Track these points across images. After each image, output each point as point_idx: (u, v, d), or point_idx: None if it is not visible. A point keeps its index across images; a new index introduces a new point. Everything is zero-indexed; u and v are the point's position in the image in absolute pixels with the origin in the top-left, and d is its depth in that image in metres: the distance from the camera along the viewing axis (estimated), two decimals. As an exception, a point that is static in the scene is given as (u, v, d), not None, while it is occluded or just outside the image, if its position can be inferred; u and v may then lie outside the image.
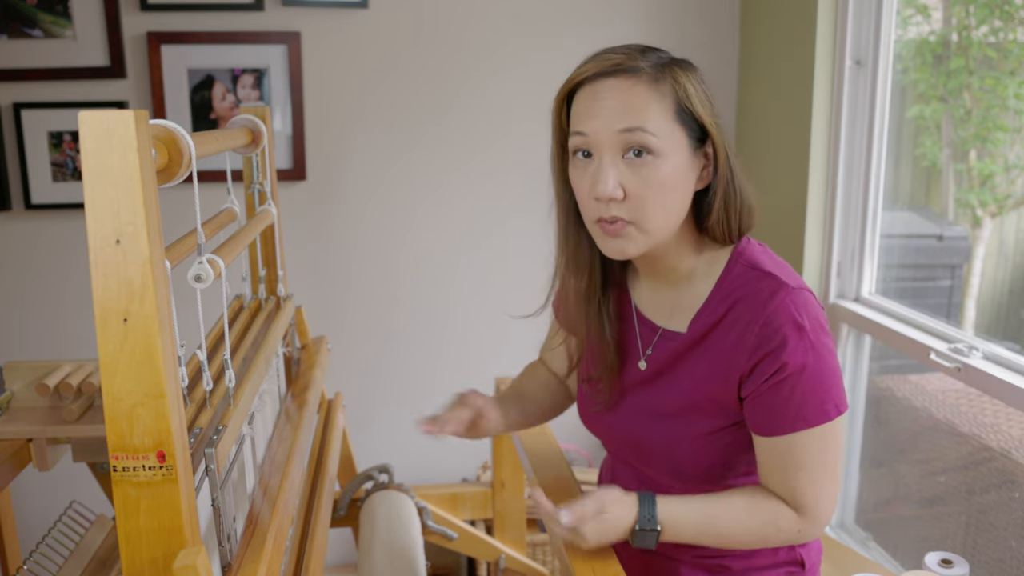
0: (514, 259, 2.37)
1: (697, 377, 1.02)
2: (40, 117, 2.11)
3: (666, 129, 0.94)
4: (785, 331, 0.93)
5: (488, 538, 1.77)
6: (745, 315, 0.97)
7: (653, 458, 1.08)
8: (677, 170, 0.95)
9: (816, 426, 0.95)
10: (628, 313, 1.11)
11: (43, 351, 2.20)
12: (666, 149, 0.94)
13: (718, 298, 1.01)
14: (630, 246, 0.97)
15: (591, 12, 2.25)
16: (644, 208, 0.94)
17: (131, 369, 0.67)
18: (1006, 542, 1.57)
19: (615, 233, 0.96)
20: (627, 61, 0.95)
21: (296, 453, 1.13)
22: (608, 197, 0.94)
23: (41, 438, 1.22)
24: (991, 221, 1.81)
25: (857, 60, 1.89)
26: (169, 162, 0.76)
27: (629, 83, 0.94)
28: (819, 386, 0.95)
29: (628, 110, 0.93)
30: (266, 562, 0.86)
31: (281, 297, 1.41)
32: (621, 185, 0.94)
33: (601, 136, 0.94)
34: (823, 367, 0.95)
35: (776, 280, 0.97)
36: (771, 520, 0.99)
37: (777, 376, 0.94)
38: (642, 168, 0.93)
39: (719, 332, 0.99)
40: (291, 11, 2.14)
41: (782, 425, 0.96)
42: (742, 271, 1.00)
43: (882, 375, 2.01)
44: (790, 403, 0.95)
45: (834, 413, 0.96)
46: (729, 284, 1.00)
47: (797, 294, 0.95)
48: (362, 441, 2.24)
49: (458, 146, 2.29)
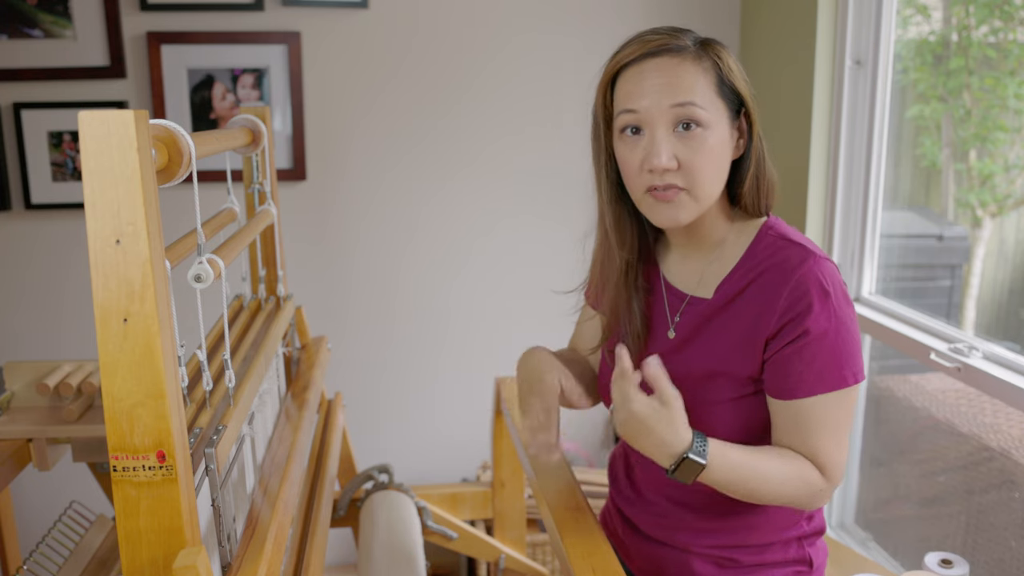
0: (514, 259, 2.37)
1: (723, 341, 1.04)
2: (40, 117, 2.10)
3: (711, 102, 0.99)
4: (812, 296, 0.97)
5: (488, 538, 1.77)
6: (774, 280, 1.00)
7: None
8: (721, 140, 1.01)
9: (833, 391, 0.98)
10: (657, 285, 1.14)
11: (43, 351, 2.20)
12: (712, 121, 0.99)
13: (747, 266, 1.04)
14: (682, 213, 1.01)
15: (592, 13, 2.25)
16: (696, 176, 0.99)
17: (131, 369, 0.67)
18: (1006, 542, 1.57)
19: (668, 199, 1.00)
20: (671, 41, 1.00)
21: (296, 453, 1.13)
22: (663, 168, 0.99)
23: (41, 438, 1.22)
24: (991, 221, 1.81)
25: (857, 60, 1.89)
26: (169, 162, 0.76)
27: (675, 61, 0.99)
28: (840, 352, 0.98)
29: (678, 86, 0.98)
30: (266, 562, 0.86)
31: (281, 297, 1.41)
32: (675, 156, 0.99)
33: (653, 112, 0.99)
34: (845, 334, 0.98)
35: (805, 249, 1.01)
36: (800, 472, 1.00)
37: (801, 340, 0.97)
38: (692, 140, 0.99)
39: (746, 297, 1.03)
40: (291, 11, 2.14)
41: (801, 388, 0.98)
42: (772, 241, 1.04)
43: (882, 375, 2.01)
44: (812, 367, 0.97)
45: (851, 380, 0.98)
46: (759, 253, 1.04)
47: (825, 263, 1.00)
48: (362, 441, 2.24)
49: (458, 146, 2.29)
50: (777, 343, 0.99)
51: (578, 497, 1.21)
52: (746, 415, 1.04)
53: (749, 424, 1.05)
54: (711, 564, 1.11)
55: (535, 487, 1.27)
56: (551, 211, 2.33)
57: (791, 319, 0.98)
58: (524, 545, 1.82)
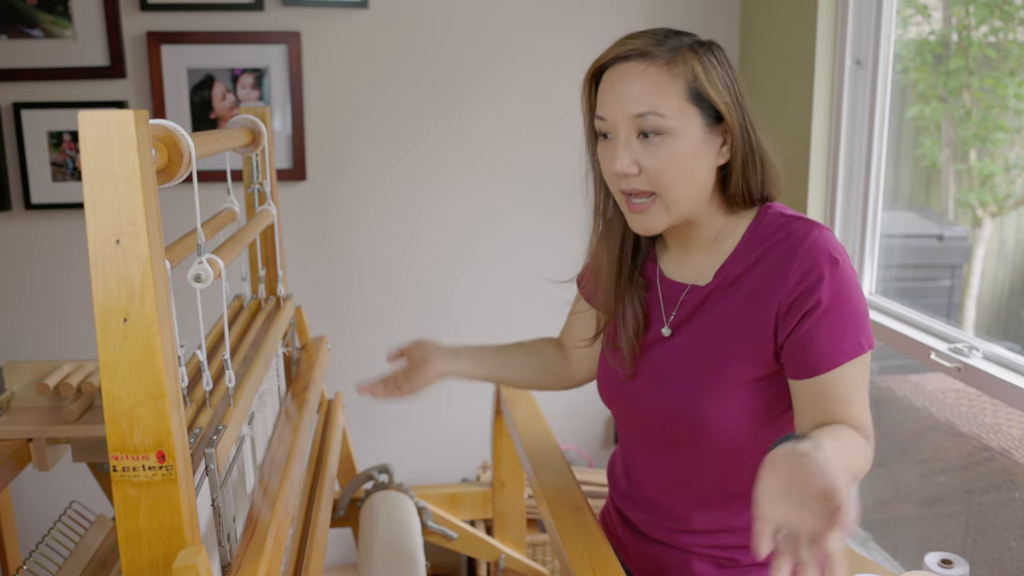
0: (515, 259, 2.37)
1: (725, 324, 1.04)
2: (40, 117, 2.10)
3: (678, 110, 0.98)
4: (822, 265, 0.97)
5: (488, 538, 1.77)
6: (782, 255, 1.00)
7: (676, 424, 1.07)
8: (691, 147, 1.00)
9: (854, 358, 0.98)
10: (653, 281, 1.14)
11: (43, 351, 2.20)
12: (678, 129, 0.98)
13: (749, 246, 1.04)
14: (653, 222, 1.02)
15: (592, 13, 2.25)
16: (661, 181, 0.99)
17: (131, 369, 0.67)
18: (1006, 542, 1.57)
19: (640, 210, 1.02)
20: (644, 46, 1.00)
21: (296, 453, 1.13)
22: (623, 172, 0.99)
23: (41, 438, 1.22)
24: (991, 221, 1.81)
25: (857, 60, 1.89)
26: (169, 162, 0.76)
27: (642, 67, 0.99)
28: (854, 319, 0.98)
29: (640, 94, 0.98)
30: (266, 562, 0.86)
31: (281, 297, 1.41)
32: (637, 163, 0.99)
33: (616, 120, 1.00)
34: (857, 300, 0.98)
35: (808, 221, 1.02)
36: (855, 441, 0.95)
37: (816, 311, 0.97)
38: (655, 147, 0.99)
39: (751, 277, 1.03)
40: (291, 11, 2.14)
41: (826, 361, 0.97)
42: (772, 219, 1.04)
43: (882, 375, 2.01)
44: (832, 338, 0.97)
45: (867, 345, 0.99)
46: (760, 232, 1.04)
47: (828, 232, 1.00)
48: (362, 441, 2.24)
49: (459, 146, 2.29)
50: (792, 317, 0.98)
51: (578, 497, 1.21)
52: (747, 407, 1.03)
53: (752, 417, 1.04)
54: (711, 564, 1.11)
55: (535, 487, 1.27)
56: (551, 211, 2.33)
57: (804, 290, 0.97)
58: (524, 545, 1.82)
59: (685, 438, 1.07)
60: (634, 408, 1.14)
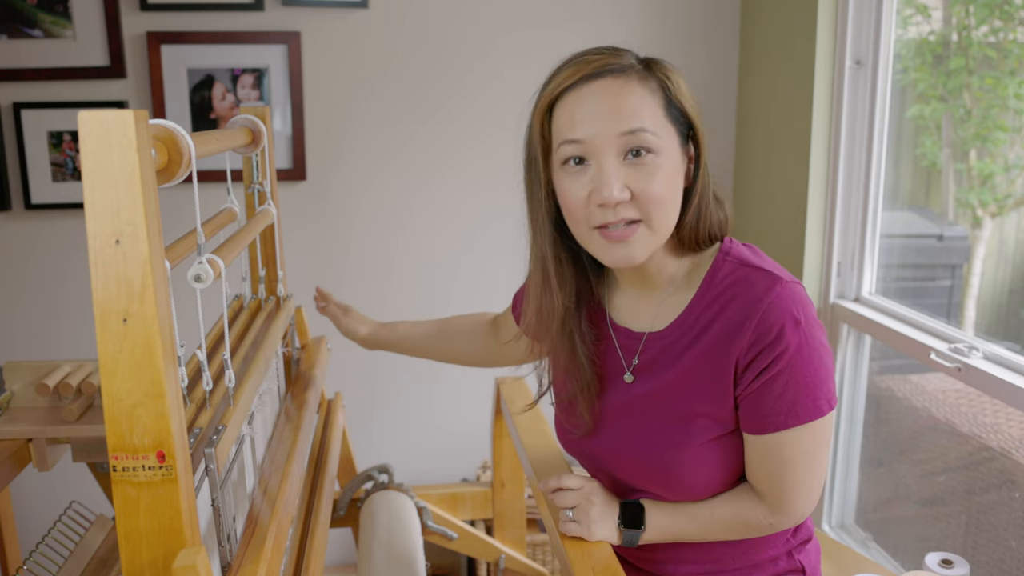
0: (514, 260, 2.37)
1: (686, 378, 0.98)
2: (40, 117, 2.10)
3: (661, 126, 0.92)
4: (782, 324, 0.91)
5: (488, 538, 1.77)
6: (740, 311, 0.94)
7: (645, 478, 1.04)
8: (673, 166, 0.94)
9: (808, 422, 0.93)
10: (604, 330, 1.07)
11: (43, 351, 2.20)
12: (663, 147, 0.92)
13: (708, 297, 0.98)
14: (638, 251, 0.94)
15: (592, 13, 2.25)
16: (651, 205, 0.92)
17: (131, 369, 0.67)
18: (1006, 542, 1.57)
19: (621, 239, 0.93)
20: (612, 60, 0.92)
21: (296, 453, 1.13)
22: (616, 201, 0.91)
23: (41, 438, 1.22)
24: (991, 221, 1.81)
25: (857, 60, 1.89)
26: (169, 162, 0.76)
27: (620, 82, 0.91)
28: (812, 381, 0.93)
29: (625, 110, 0.90)
30: (266, 562, 0.86)
31: (281, 297, 1.41)
32: (627, 187, 0.91)
33: (599, 141, 0.91)
34: (817, 362, 0.93)
35: (770, 275, 0.95)
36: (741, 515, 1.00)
37: (771, 369, 0.92)
38: (644, 167, 0.91)
39: (711, 331, 0.96)
40: (291, 11, 2.14)
41: (775, 422, 0.94)
42: (732, 268, 0.97)
43: (882, 375, 2.01)
44: (783, 399, 0.93)
45: (826, 408, 0.94)
46: (719, 282, 0.98)
47: (792, 288, 0.94)
48: (362, 441, 2.24)
49: (459, 146, 2.29)
50: (749, 375, 0.94)
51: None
52: (715, 464, 0.99)
53: (720, 474, 1.00)
54: None
55: (535, 487, 1.27)
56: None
57: (761, 350, 0.92)
58: (524, 545, 1.82)
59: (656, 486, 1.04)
60: (601, 461, 1.09)
